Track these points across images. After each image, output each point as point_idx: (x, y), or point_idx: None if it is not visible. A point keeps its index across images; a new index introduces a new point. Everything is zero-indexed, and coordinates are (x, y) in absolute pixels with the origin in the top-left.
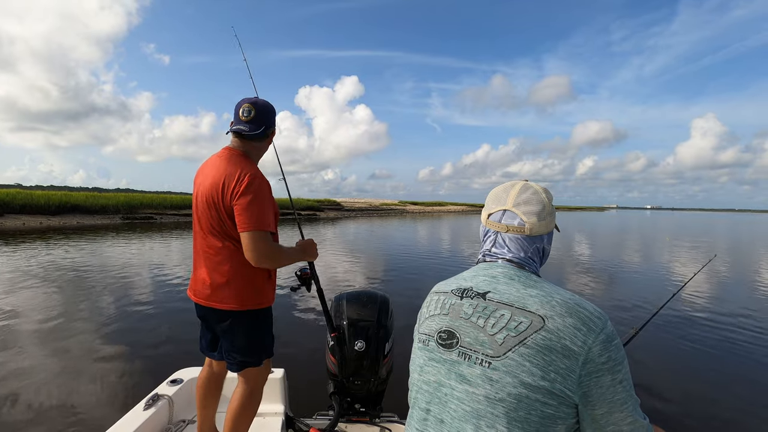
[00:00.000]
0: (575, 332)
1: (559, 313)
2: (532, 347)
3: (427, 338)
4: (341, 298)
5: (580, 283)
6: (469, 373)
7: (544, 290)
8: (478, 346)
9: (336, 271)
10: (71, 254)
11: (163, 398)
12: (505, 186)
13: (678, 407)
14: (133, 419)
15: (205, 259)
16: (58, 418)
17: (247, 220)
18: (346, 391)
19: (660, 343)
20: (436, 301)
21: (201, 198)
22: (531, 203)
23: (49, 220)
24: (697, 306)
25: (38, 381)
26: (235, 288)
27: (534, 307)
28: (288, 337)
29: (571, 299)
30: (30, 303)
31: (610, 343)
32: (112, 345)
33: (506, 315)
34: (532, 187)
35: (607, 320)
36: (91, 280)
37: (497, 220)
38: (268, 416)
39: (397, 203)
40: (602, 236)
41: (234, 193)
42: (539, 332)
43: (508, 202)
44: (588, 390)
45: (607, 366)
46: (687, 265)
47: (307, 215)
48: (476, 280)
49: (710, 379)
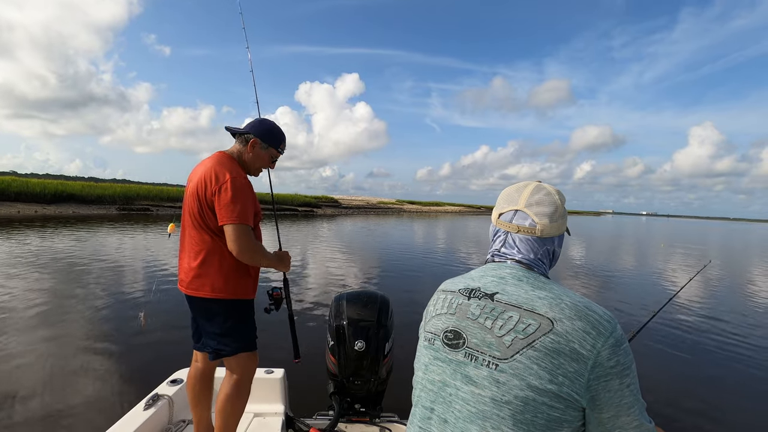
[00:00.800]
0: (584, 336)
1: (568, 316)
2: (540, 350)
3: (433, 337)
4: (341, 298)
5: (578, 285)
6: (476, 374)
7: (553, 292)
8: (485, 347)
9: (334, 269)
10: (69, 245)
11: (163, 398)
12: (518, 186)
13: (673, 409)
14: (133, 419)
15: (188, 248)
16: (58, 419)
17: (228, 214)
18: (346, 391)
19: (656, 347)
20: (443, 299)
21: (189, 193)
22: (543, 204)
23: (44, 208)
24: (692, 310)
25: (37, 381)
26: (211, 276)
27: (543, 309)
28: (288, 338)
29: (581, 302)
30: (24, 298)
31: (619, 347)
32: (111, 345)
33: (514, 317)
34: (545, 188)
35: (617, 324)
36: (87, 274)
37: (508, 220)
38: (268, 416)
39: (395, 202)
40: (600, 241)
41: (216, 188)
42: (548, 335)
43: (520, 203)
44: (596, 394)
45: (615, 370)
46: (683, 270)
47: (304, 211)
48: (484, 280)
49: (704, 382)
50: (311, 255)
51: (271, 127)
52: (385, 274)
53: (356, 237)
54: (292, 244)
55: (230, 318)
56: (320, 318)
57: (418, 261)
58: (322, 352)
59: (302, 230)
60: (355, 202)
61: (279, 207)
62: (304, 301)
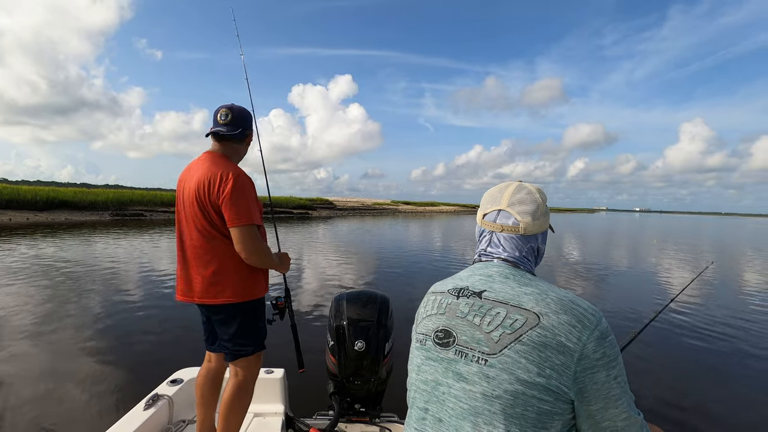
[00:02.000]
0: (570, 329)
1: (553, 310)
2: (527, 344)
3: (424, 338)
4: (341, 298)
5: (573, 284)
6: (466, 371)
7: (538, 288)
8: (474, 344)
9: (332, 270)
10: (62, 251)
11: (163, 398)
12: (500, 186)
13: (675, 409)
14: (133, 419)
15: (195, 258)
16: (58, 419)
17: (235, 216)
18: (346, 391)
19: (658, 347)
20: (432, 301)
21: (188, 199)
22: (525, 203)
23: (36, 215)
24: (692, 311)
25: (37, 381)
26: (228, 282)
27: (529, 304)
28: (288, 338)
29: (566, 296)
30: (23, 302)
31: (605, 340)
32: (111, 344)
33: (502, 313)
34: (526, 187)
35: (601, 317)
36: (85, 279)
37: (492, 220)
38: (268, 416)
39: (390, 203)
40: (596, 238)
41: (220, 191)
42: (534, 329)
43: (502, 202)
44: (583, 386)
45: (602, 362)
46: (682, 268)
47: (299, 214)
48: (472, 279)
49: (707, 381)
50: (309, 256)
51: (249, 114)
52: (385, 272)
53: (353, 238)
54: (290, 246)
55: (249, 318)
56: (320, 318)
57: (417, 260)
58: (322, 352)
59: (298, 232)
60: (350, 203)
61: (275, 210)
62: (302, 302)
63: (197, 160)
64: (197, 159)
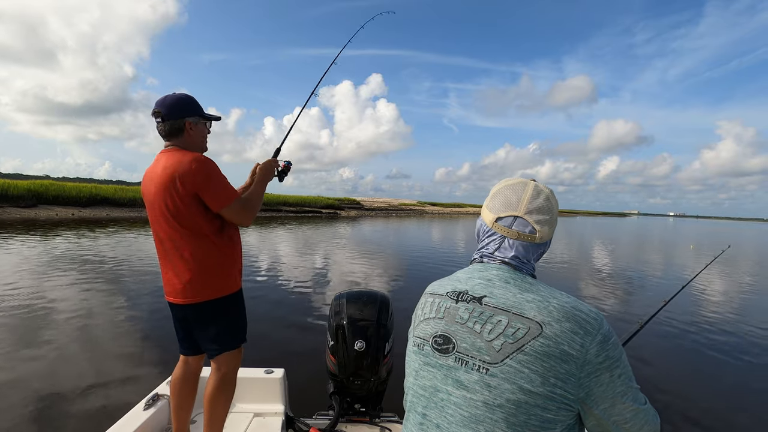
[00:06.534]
0: (573, 336)
1: (556, 319)
2: (530, 354)
3: (422, 342)
4: (341, 297)
5: (594, 285)
6: (467, 379)
7: (540, 294)
8: (475, 352)
9: (368, 268)
10: (113, 248)
11: (163, 398)
12: (514, 186)
13: (680, 403)
14: (133, 419)
15: (172, 258)
16: (58, 419)
17: (216, 198)
18: (346, 391)
19: (664, 340)
20: (430, 303)
21: (156, 198)
22: (543, 212)
23: (80, 211)
24: (705, 305)
25: (36, 381)
26: (207, 278)
27: (531, 313)
28: (288, 337)
29: (568, 302)
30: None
31: (607, 343)
32: (111, 345)
33: (503, 321)
34: (543, 192)
35: (603, 320)
36: (89, 275)
37: (508, 226)
38: (268, 416)
39: (416, 204)
40: (628, 245)
41: (190, 180)
42: (537, 339)
43: (520, 209)
44: (589, 390)
45: (605, 365)
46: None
47: (328, 213)
48: (471, 282)
49: (711, 377)
50: (344, 254)
51: (184, 101)
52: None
53: (388, 240)
54: (317, 243)
55: (231, 313)
56: (320, 318)
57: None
58: (322, 352)
59: (328, 231)
60: (376, 204)
61: (303, 209)
62: (304, 302)
63: (155, 160)
64: (155, 159)
